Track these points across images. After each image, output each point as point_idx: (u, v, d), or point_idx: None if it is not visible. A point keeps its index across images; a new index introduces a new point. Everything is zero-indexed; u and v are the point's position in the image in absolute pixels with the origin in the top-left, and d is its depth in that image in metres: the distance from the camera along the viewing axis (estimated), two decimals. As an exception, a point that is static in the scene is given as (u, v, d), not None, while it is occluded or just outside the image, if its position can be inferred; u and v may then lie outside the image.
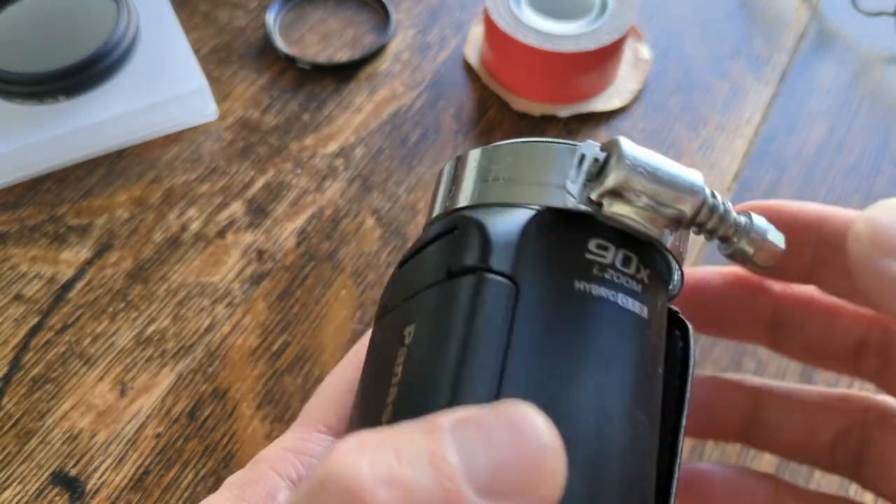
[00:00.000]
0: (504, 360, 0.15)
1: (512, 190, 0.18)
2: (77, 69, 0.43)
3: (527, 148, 0.18)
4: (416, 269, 0.18)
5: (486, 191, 0.18)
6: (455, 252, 0.16)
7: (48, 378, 0.37)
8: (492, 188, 0.18)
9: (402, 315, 0.17)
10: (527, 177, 0.18)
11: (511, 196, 0.18)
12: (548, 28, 0.45)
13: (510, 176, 0.18)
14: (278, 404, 0.36)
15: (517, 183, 0.18)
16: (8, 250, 0.41)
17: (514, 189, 0.18)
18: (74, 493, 0.34)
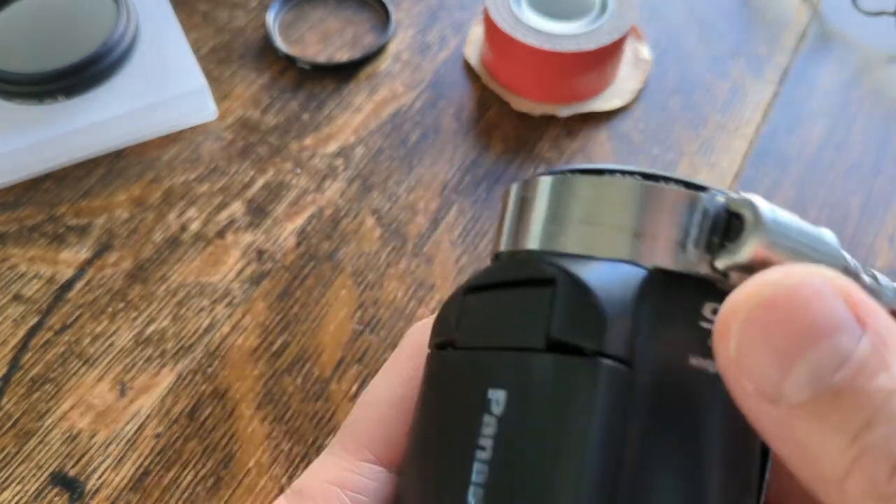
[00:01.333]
0: (619, 464, 0.13)
1: (619, 240, 0.15)
2: (76, 69, 0.43)
3: (635, 188, 0.15)
4: (498, 312, 0.16)
5: (587, 237, 0.15)
6: (559, 319, 0.14)
7: (47, 378, 0.37)
8: (593, 234, 0.15)
9: (482, 369, 0.15)
10: (635, 225, 0.15)
11: (618, 249, 0.15)
12: (548, 28, 0.45)
13: (615, 222, 0.15)
14: (278, 404, 0.36)
15: (623, 232, 0.15)
16: (7, 250, 0.41)
17: (621, 239, 0.15)
18: (74, 493, 0.34)
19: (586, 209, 0.15)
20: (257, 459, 0.35)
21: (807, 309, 0.12)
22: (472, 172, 0.44)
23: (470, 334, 0.16)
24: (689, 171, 0.45)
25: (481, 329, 0.16)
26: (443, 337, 0.17)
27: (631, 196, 0.15)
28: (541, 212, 0.16)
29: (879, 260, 0.42)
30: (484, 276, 0.17)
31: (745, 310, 0.12)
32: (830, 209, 0.43)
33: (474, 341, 0.16)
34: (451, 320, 0.17)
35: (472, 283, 0.17)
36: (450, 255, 0.41)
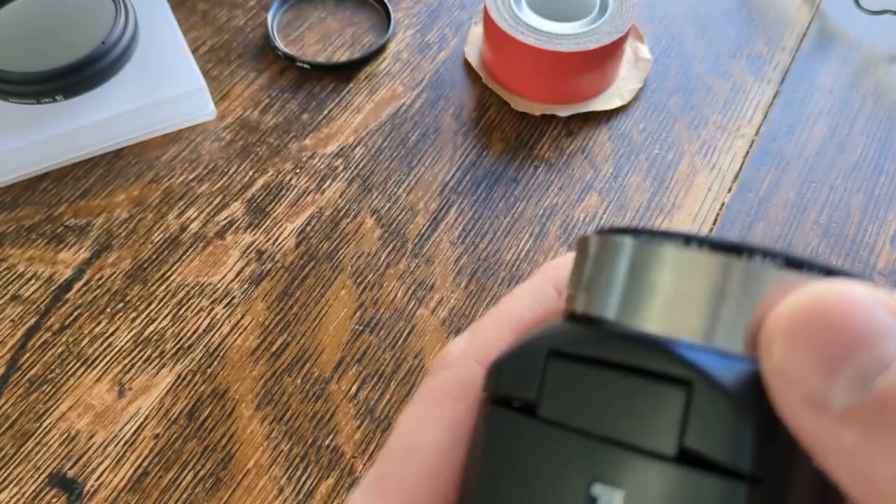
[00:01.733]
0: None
1: (734, 328, 0.14)
2: (75, 69, 0.43)
3: (776, 276, 0.14)
4: (608, 396, 0.14)
5: (723, 328, 0.14)
6: (698, 430, 0.13)
7: (46, 379, 0.37)
8: (730, 325, 0.14)
9: (589, 458, 0.14)
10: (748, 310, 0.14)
11: (734, 339, 0.13)
12: (548, 28, 0.45)
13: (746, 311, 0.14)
14: (277, 405, 0.36)
15: (739, 318, 0.14)
16: (5, 250, 0.40)
17: (737, 328, 0.14)
18: (72, 494, 0.34)
19: (721, 297, 0.14)
20: (257, 460, 0.35)
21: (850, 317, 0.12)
22: (472, 172, 0.44)
23: (563, 409, 0.14)
24: (690, 170, 0.45)
25: (581, 409, 0.14)
26: (515, 394, 0.15)
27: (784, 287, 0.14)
28: (663, 287, 0.14)
29: (881, 260, 0.42)
30: (578, 343, 0.15)
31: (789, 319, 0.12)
32: (832, 209, 0.43)
33: (570, 419, 0.14)
34: (528, 378, 0.15)
35: (561, 347, 0.15)
36: (450, 255, 0.41)
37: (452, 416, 0.17)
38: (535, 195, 0.43)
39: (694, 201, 0.43)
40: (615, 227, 0.16)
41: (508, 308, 0.18)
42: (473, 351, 0.18)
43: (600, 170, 0.45)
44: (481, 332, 0.18)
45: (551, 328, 0.16)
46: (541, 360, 0.15)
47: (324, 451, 0.35)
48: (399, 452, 0.17)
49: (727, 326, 0.14)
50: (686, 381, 0.13)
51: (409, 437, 0.17)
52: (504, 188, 0.44)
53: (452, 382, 0.17)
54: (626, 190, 0.44)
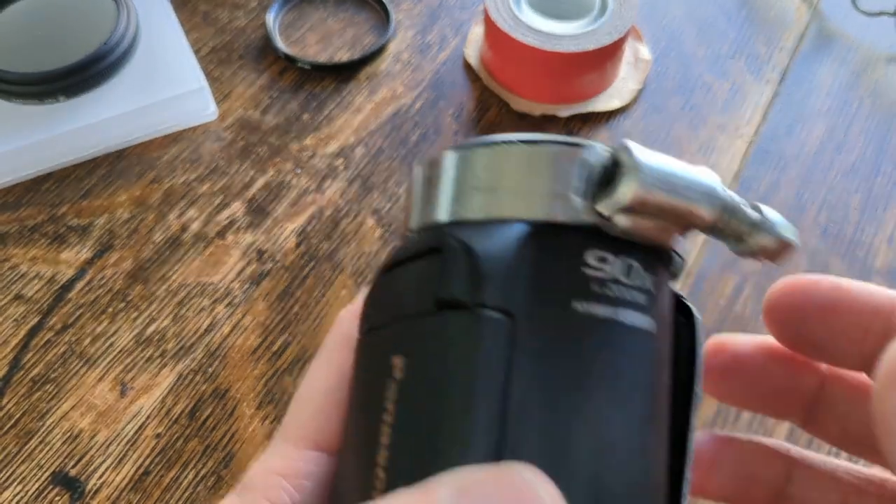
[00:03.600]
0: (504, 407, 0.14)
1: (500, 202, 0.16)
2: (77, 69, 0.43)
3: (513, 151, 0.16)
4: (400, 287, 0.16)
5: (469, 203, 0.16)
6: (444, 281, 0.15)
7: (48, 378, 0.37)
8: (475, 200, 0.16)
9: (388, 341, 0.16)
10: (515, 186, 0.16)
11: (500, 209, 0.16)
12: (548, 28, 0.45)
13: (496, 185, 0.16)
14: (278, 404, 0.36)
15: (505, 193, 0.16)
16: (8, 250, 0.41)
17: (503, 201, 0.16)
18: (74, 493, 0.34)
19: (480, 177, 0.16)
20: (258, 459, 0.35)
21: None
22: (472, 172, 0.44)
23: (381, 313, 0.17)
24: (689, 171, 0.45)
25: (389, 305, 0.16)
26: (363, 321, 0.18)
27: (516, 160, 0.16)
28: (444, 185, 0.17)
29: (879, 260, 0.42)
30: (393, 253, 0.17)
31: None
32: (830, 209, 0.44)
33: (383, 319, 0.16)
34: (368, 304, 0.18)
35: (385, 262, 0.17)
36: (450, 255, 0.41)
37: (337, 362, 0.19)
38: (534, 195, 0.44)
39: (693, 201, 0.44)
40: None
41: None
42: (356, 308, 0.19)
43: (600, 170, 0.45)
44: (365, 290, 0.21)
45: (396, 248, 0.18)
46: (376, 282, 0.17)
47: (324, 450, 0.35)
48: (296, 401, 0.20)
49: (469, 201, 0.16)
50: (438, 248, 0.15)
51: (303, 387, 0.20)
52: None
53: (336, 336, 0.20)
54: (626, 190, 0.44)
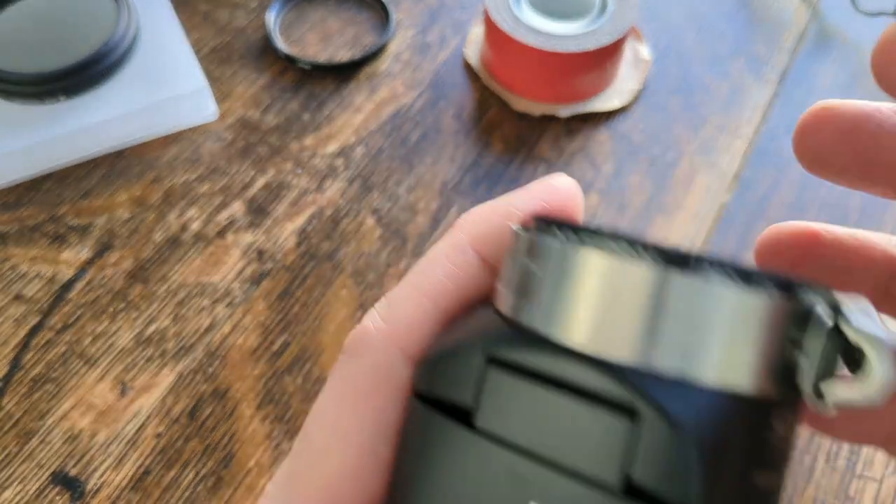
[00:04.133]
0: None
1: (708, 360, 0.13)
2: (77, 69, 0.43)
3: (729, 295, 0.13)
4: (546, 414, 0.13)
5: (668, 350, 0.13)
6: (644, 464, 0.12)
7: (48, 378, 0.37)
8: (676, 348, 0.13)
9: (526, 479, 0.13)
10: (729, 342, 0.13)
11: (706, 370, 0.13)
12: (548, 28, 0.45)
13: (703, 335, 0.13)
14: (278, 404, 0.36)
15: (715, 348, 0.13)
16: (8, 250, 0.41)
17: (711, 360, 0.13)
18: (74, 492, 0.34)
19: (683, 319, 0.13)
20: (257, 459, 0.35)
21: None
22: (472, 172, 0.44)
23: (501, 423, 0.14)
24: (689, 171, 0.45)
25: (520, 425, 0.13)
26: (450, 399, 0.14)
27: (733, 307, 0.13)
28: (601, 301, 0.13)
29: (879, 260, 0.42)
30: (519, 355, 0.14)
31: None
32: (829, 210, 0.44)
33: (509, 434, 0.13)
34: (464, 386, 0.14)
35: (499, 355, 0.14)
36: (450, 254, 0.41)
37: (374, 409, 0.16)
38: (534, 195, 0.44)
39: (694, 201, 0.44)
40: (549, 219, 0.15)
41: (426, 277, 0.17)
42: (393, 331, 0.16)
43: (600, 170, 0.45)
44: (400, 305, 0.17)
45: (487, 328, 0.15)
46: (478, 365, 0.14)
47: (325, 449, 0.35)
48: (318, 447, 0.16)
49: (669, 347, 0.13)
50: (629, 409, 0.12)
51: (328, 430, 0.16)
52: (504, 188, 0.44)
53: (372, 371, 0.16)
54: (626, 190, 0.44)
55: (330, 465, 0.16)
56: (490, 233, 0.17)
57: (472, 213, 0.18)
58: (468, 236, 0.17)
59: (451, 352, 0.15)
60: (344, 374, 0.16)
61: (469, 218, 0.18)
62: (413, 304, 0.17)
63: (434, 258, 0.18)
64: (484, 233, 0.17)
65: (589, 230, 0.14)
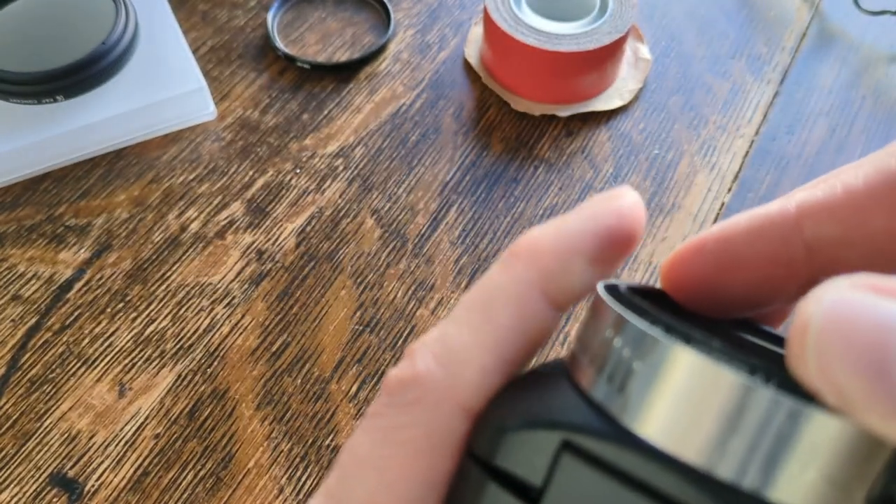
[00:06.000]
0: None
1: (814, 495, 0.12)
2: (75, 69, 0.43)
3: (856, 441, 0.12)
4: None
5: (770, 473, 0.12)
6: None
7: (46, 378, 0.37)
8: (784, 478, 0.12)
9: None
10: (833, 472, 0.12)
11: (810, 498, 0.12)
12: (548, 28, 0.45)
13: (826, 472, 0.12)
14: (278, 405, 0.36)
15: (815, 476, 0.12)
16: (6, 250, 0.41)
17: (816, 494, 0.12)
18: (73, 494, 0.34)
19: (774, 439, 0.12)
20: (257, 460, 0.35)
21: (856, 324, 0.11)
22: (472, 172, 0.44)
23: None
24: (690, 170, 0.45)
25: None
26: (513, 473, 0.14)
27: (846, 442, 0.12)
28: (696, 408, 0.13)
29: (880, 260, 0.42)
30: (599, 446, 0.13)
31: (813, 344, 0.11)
32: (831, 209, 0.43)
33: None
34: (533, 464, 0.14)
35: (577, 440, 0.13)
36: (450, 255, 0.41)
37: (426, 467, 0.15)
38: (535, 195, 0.43)
39: (694, 201, 0.43)
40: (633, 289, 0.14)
41: (490, 322, 0.16)
42: (452, 384, 0.15)
43: (600, 170, 0.45)
44: (460, 353, 0.15)
45: (565, 407, 0.14)
46: (551, 447, 0.13)
47: (324, 451, 0.35)
48: (361, 497, 0.15)
49: (771, 471, 0.12)
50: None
51: (374, 481, 0.15)
52: (504, 188, 0.44)
53: (428, 428, 0.15)
54: (626, 190, 0.44)
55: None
56: (557, 270, 0.15)
57: (534, 244, 0.16)
58: (535, 273, 0.16)
59: (525, 425, 0.14)
60: (394, 424, 0.15)
61: (532, 249, 0.16)
62: (476, 355, 0.15)
63: (497, 295, 0.16)
64: (550, 270, 0.15)
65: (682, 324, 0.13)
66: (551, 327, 0.16)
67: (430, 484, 0.15)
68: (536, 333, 0.16)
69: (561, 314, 0.16)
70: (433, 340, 0.16)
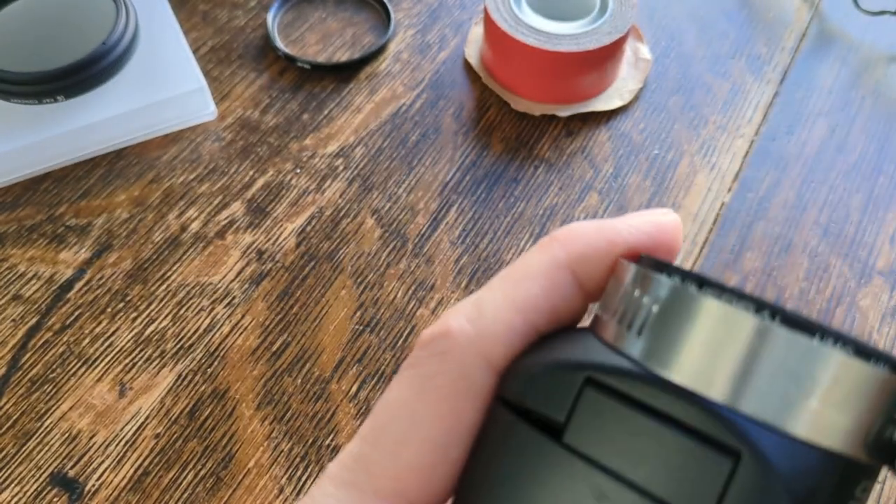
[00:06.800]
0: None
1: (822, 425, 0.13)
2: (76, 69, 0.43)
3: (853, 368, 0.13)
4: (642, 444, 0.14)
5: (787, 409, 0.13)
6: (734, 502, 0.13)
7: (47, 378, 0.37)
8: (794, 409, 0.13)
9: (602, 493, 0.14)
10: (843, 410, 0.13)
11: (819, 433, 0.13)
12: (548, 28, 0.45)
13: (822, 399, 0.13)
14: (278, 404, 0.36)
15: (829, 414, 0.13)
16: (6, 250, 0.41)
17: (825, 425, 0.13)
18: (73, 493, 0.34)
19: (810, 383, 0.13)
20: (257, 460, 0.35)
21: None
22: (472, 172, 0.44)
23: (591, 442, 0.14)
24: (690, 170, 0.45)
25: (611, 448, 0.14)
26: (539, 411, 0.15)
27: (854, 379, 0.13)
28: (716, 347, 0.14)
29: (880, 260, 0.42)
30: (621, 380, 0.14)
31: None
32: (831, 209, 0.43)
33: (598, 455, 0.14)
34: (558, 401, 0.15)
35: (599, 377, 0.14)
36: (450, 255, 0.41)
37: (452, 411, 0.16)
38: (535, 195, 0.43)
39: (694, 201, 0.43)
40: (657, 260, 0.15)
41: (520, 288, 0.17)
42: (480, 338, 0.16)
43: (600, 170, 0.45)
44: (489, 312, 0.17)
45: (588, 351, 0.15)
46: (575, 384, 0.14)
47: (324, 450, 0.35)
48: (392, 439, 0.16)
49: (784, 403, 0.13)
50: (734, 452, 0.13)
51: (405, 424, 0.16)
52: (504, 188, 0.44)
53: (455, 375, 0.16)
54: (626, 190, 0.44)
55: (404, 457, 0.16)
56: (590, 255, 0.17)
57: (573, 230, 0.17)
58: (567, 254, 0.17)
59: (552, 367, 0.15)
60: (425, 372, 0.16)
61: (570, 234, 0.17)
62: (504, 315, 0.17)
63: (530, 269, 0.17)
64: (583, 254, 0.17)
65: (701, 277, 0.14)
66: (579, 309, 0.17)
67: (456, 430, 0.16)
68: (564, 310, 0.17)
69: (588, 301, 0.17)
70: (466, 303, 0.17)
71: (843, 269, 0.41)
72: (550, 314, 0.17)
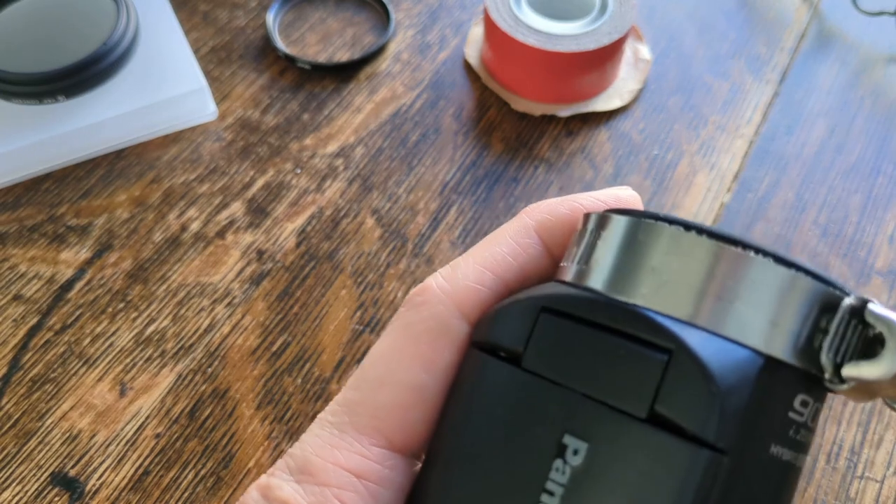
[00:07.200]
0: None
1: (746, 323, 0.14)
2: (77, 69, 0.43)
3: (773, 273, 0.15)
4: (590, 355, 0.15)
5: (712, 311, 0.14)
6: (671, 397, 0.14)
7: (47, 378, 0.37)
8: (720, 310, 0.14)
9: (563, 410, 0.15)
10: (766, 311, 0.14)
11: (743, 331, 0.14)
12: (548, 28, 0.45)
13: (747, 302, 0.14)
14: (278, 404, 0.36)
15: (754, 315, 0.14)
16: (7, 250, 0.41)
17: (749, 323, 0.14)
18: (74, 493, 0.34)
19: (734, 286, 0.14)
20: (257, 459, 0.35)
21: None
22: (472, 172, 0.44)
23: (546, 362, 0.15)
24: (689, 171, 0.45)
25: (564, 363, 0.15)
26: (503, 345, 0.16)
27: (776, 283, 0.15)
28: (659, 266, 0.15)
29: (879, 260, 0.42)
30: (572, 304, 0.15)
31: None
32: (830, 209, 0.44)
33: (552, 373, 0.15)
34: (517, 332, 0.16)
35: (552, 304, 0.16)
36: (450, 255, 0.41)
37: (427, 354, 0.17)
38: (535, 195, 0.44)
39: (693, 201, 0.44)
40: (617, 208, 0.17)
41: (491, 251, 0.19)
42: (453, 290, 0.18)
43: (600, 170, 0.45)
44: (462, 271, 0.18)
45: (545, 288, 0.17)
46: (532, 314, 0.16)
47: (324, 450, 0.35)
48: (372, 382, 0.17)
49: (714, 309, 0.15)
50: (666, 350, 0.14)
51: (383, 368, 0.18)
52: (504, 188, 0.44)
53: (430, 321, 0.18)
54: (626, 190, 0.44)
55: (382, 397, 0.17)
56: (555, 222, 0.19)
57: (539, 204, 0.19)
58: (534, 222, 0.19)
59: (509, 304, 0.17)
60: (403, 323, 0.18)
61: (536, 207, 0.19)
62: (475, 271, 0.18)
63: (499, 237, 0.19)
64: (549, 221, 0.19)
65: (651, 214, 0.16)
66: (548, 269, 0.19)
67: (431, 371, 0.17)
68: (533, 270, 0.19)
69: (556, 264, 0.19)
70: (444, 267, 0.19)
71: (842, 269, 0.41)
72: (519, 273, 0.19)
